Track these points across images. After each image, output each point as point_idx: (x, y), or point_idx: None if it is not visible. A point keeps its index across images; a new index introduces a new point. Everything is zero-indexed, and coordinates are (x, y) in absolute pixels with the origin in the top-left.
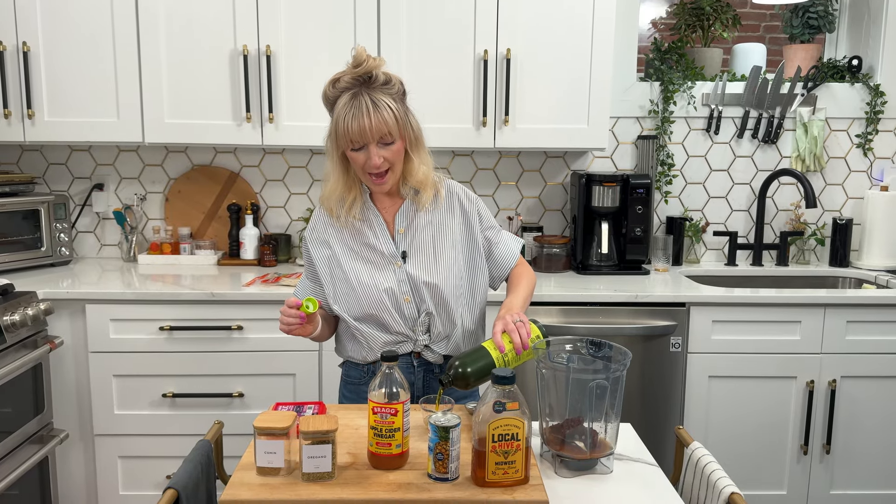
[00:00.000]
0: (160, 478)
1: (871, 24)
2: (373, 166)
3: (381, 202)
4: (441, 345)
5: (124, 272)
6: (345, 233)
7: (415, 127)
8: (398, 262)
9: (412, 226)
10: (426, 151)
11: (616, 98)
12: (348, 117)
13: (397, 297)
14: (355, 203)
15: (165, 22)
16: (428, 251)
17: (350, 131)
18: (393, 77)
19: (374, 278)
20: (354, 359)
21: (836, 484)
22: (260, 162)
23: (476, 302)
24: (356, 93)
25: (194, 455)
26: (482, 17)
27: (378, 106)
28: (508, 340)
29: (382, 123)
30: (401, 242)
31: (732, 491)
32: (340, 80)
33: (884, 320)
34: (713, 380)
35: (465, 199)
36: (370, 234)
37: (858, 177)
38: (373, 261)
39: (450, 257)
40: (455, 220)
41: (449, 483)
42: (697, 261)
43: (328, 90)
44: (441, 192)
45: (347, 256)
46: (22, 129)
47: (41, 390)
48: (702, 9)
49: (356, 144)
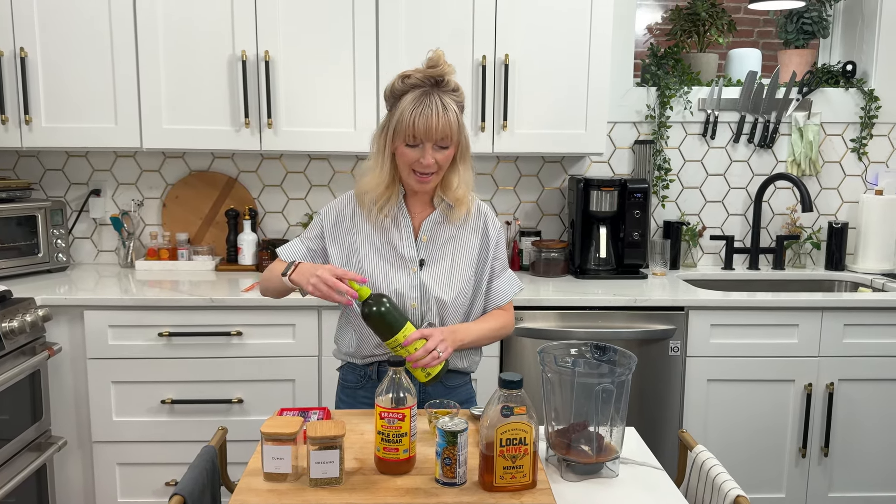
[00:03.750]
0: (159, 485)
1: (865, 29)
2: (426, 165)
3: (413, 207)
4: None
5: (122, 278)
6: (370, 227)
7: (466, 140)
8: (415, 267)
9: (436, 237)
10: (470, 167)
11: (613, 103)
12: (416, 112)
13: (405, 301)
14: (388, 203)
15: (164, 27)
16: (445, 265)
17: (416, 126)
18: (460, 87)
19: (388, 277)
20: (351, 357)
21: (835, 486)
22: (258, 167)
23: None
24: (427, 91)
25: (199, 461)
26: (480, 24)
27: (447, 108)
28: (416, 348)
29: (447, 126)
30: (422, 250)
31: (738, 494)
32: (412, 76)
33: (880, 323)
34: (712, 383)
35: (490, 225)
36: (395, 234)
37: (853, 181)
38: (391, 260)
39: (465, 275)
40: (475, 241)
41: (457, 488)
42: (694, 265)
43: (397, 84)
44: (472, 210)
45: (368, 249)
46: (19, 134)
47: (39, 397)
48: (697, 14)
49: (415, 141)
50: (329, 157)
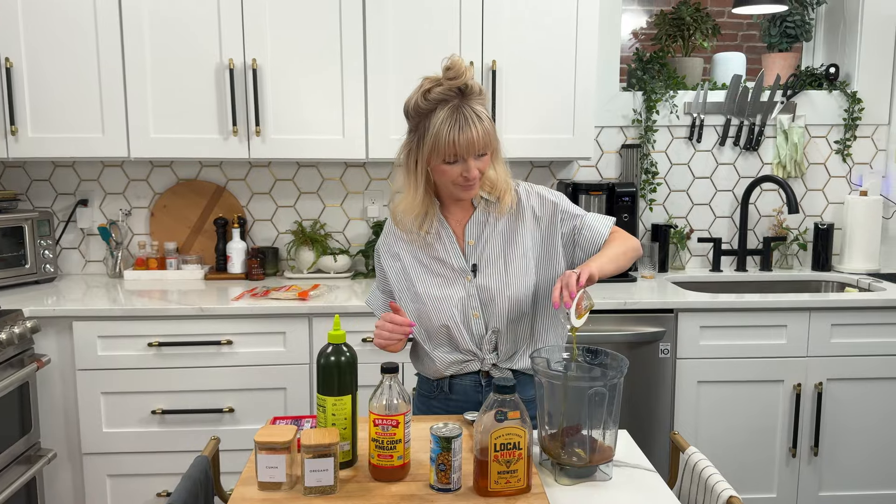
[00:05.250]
0: (150, 496)
1: (847, 32)
2: (473, 178)
3: (453, 214)
4: (509, 363)
5: (110, 288)
6: (415, 246)
7: (497, 136)
8: (468, 276)
9: (482, 237)
10: (503, 159)
11: (600, 108)
12: (454, 130)
13: (467, 312)
14: (427, 218)
15: (150, 36)
16: (499, 262)
17: (457, 144)
18: (482, 87)
19: (444, 292)
20: (425, 373)
21: (825, 485)
22: (246, 175)
23: (552, 309)
24: (457, 105)
25: (192, 471)
26: (467, 30)
27: (482, 118)
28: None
29: (487, 136)
30: (471, 255)
31: (731, 495)
32: (432, 90)
33: (867, 323)
34: (702, 385)
35: (535, 201)
36: (440, 248)
37: (838, 182)
38: (443, 274)
39: (521, 266)
40: (526, 227)
41: (451, 493)
42: (683, 267)
43: (420, 102)
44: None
45: (418, 270)
46: (5, 145)
47: (28, 410)
48: (682, 19)
49: (456, 158)
50: (318, 165)
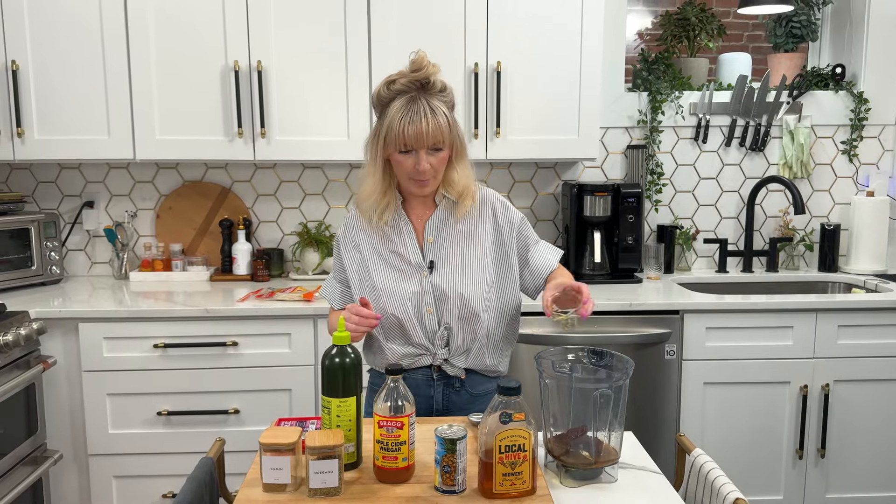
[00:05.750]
0: (156, 497)
1: (854, 32)
2: (421, 172)
3: (414, 209)
4: (461, 358)
5: (116, 290)
6: (375, 238)
7: (461, 137)
8: (425, 272)
9: (441, 235)
10: (468, 162)
11: (605, 108)
12: (405, 121)
13: (421, 307)
14: (388, 209)
15: (155, 39)
16: (455, 262)
17: (406, 135)
18: (447, 86)
19: (400, 286)
20: (377, 366)
21: (832, 488)
22: (251, 177)
23: (505, 314)
24: (413, 97)
25: (197, 473)
26: (472, 31)
27: (436, 112)
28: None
29: (438, 130)
30: (428, 252)
31: (737, 497)
32: (396, 81)
33: (874, 324)
34: (708, 386)
35: (499, 208)
36: (399, 242)
37: (844, 182)
38: (400, 268)
39: (478, 268)
40: (486, 230)
41: (456, 495)
42: (688, 268)
43: (382, 91)
44: (476, 200)
45: (376, 262)
46: (11, 147)
47: (34, 411)
48: (687, 19)
49: (407, 148)
50: (323, 166)
